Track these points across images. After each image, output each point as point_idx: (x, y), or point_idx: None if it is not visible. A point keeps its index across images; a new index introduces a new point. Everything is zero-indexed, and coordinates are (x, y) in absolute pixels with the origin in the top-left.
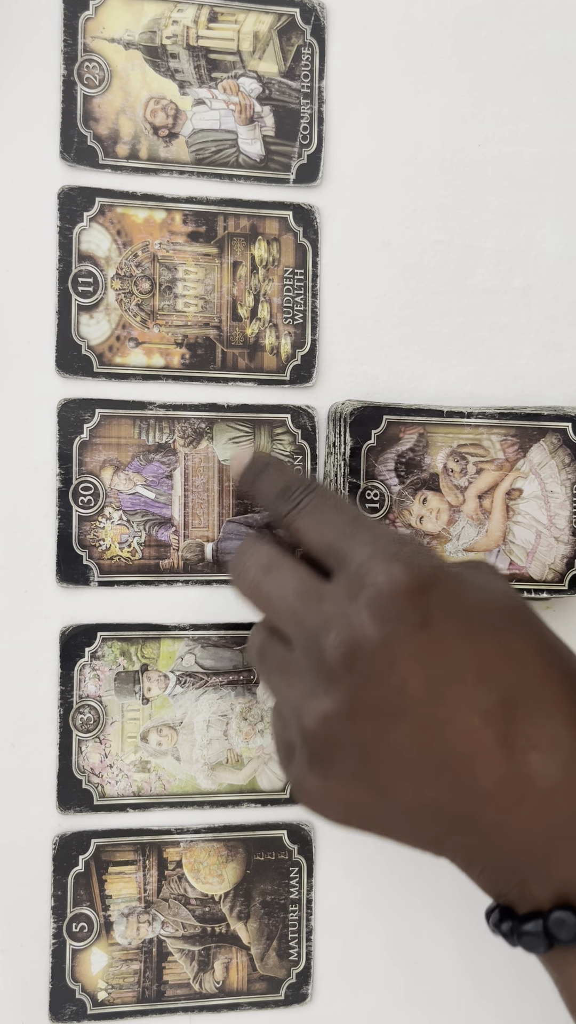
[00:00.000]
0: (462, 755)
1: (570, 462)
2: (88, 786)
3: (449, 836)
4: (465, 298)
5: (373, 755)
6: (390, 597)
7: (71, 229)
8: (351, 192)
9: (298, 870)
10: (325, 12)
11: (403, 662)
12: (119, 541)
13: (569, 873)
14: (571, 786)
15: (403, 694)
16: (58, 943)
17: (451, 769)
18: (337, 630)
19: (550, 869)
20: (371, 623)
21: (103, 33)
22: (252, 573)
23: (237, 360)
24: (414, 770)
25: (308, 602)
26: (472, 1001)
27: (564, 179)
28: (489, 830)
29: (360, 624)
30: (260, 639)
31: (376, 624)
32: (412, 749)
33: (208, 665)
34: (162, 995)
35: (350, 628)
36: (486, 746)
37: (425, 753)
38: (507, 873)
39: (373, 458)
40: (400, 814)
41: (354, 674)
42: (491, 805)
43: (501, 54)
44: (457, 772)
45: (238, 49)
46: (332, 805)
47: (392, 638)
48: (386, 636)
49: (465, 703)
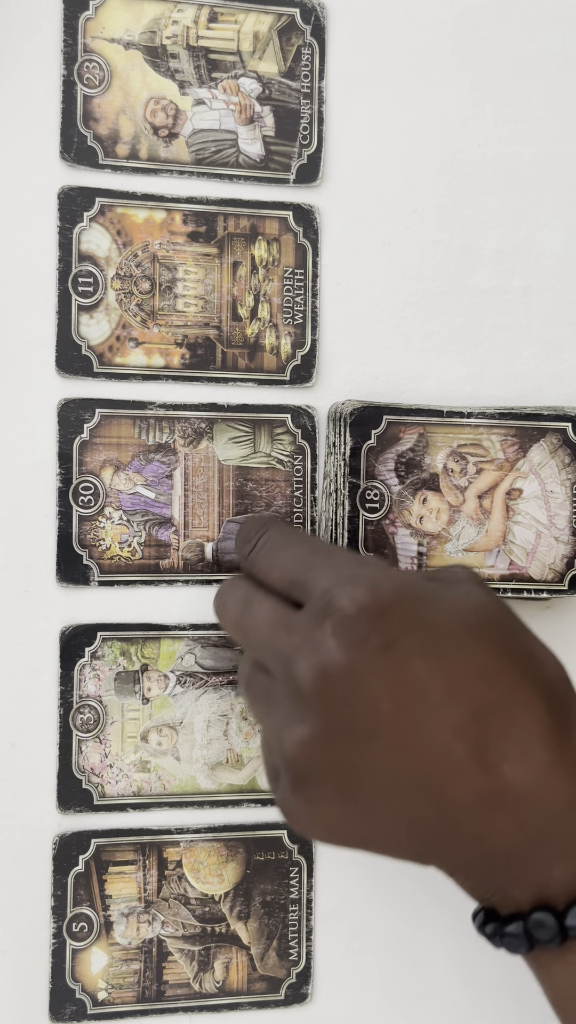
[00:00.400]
0: (436, 771)
1: (570, 462)
2: (88, 786)
3: (431, 848)
4: (465, 298)
5: (351, 777)
6: (353, 621)
7: (71, 229)
8: (351, 192)
9: (298, 870)
10: (325, 12)
11: (370, 684)
12: (119, 541)
13: (547, 876)
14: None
15: (374, 715)
16: (58, 943)
17: (427, 785)
18: (305, 657)
19: (529, 873)
20: (336, 648)
21: (103, 33)
22: (231, 609)
23: (237, 360)
24: (392, 788)
25: (280, 632)
26: (472, 1001)
27: (564, 179)
28: (469, 840)
29: (326, 650)
30: (246, 670)
31: (341, 649)
32: (388, 768)
33: (208, 665)
34: (162, 995)
35: (317, 654)
36: (459, 760)
37: (401, 771)
38: (489, 878)
39: (373, 458)
40: (382, 831)
41: (324, 699)
42: (469, 817)
43: (501, 54)
44: (433, 788)
45: (238, 49)
46: (316, 826)
47: (357, 661)
48: (351, 660)
49: (435, 720)
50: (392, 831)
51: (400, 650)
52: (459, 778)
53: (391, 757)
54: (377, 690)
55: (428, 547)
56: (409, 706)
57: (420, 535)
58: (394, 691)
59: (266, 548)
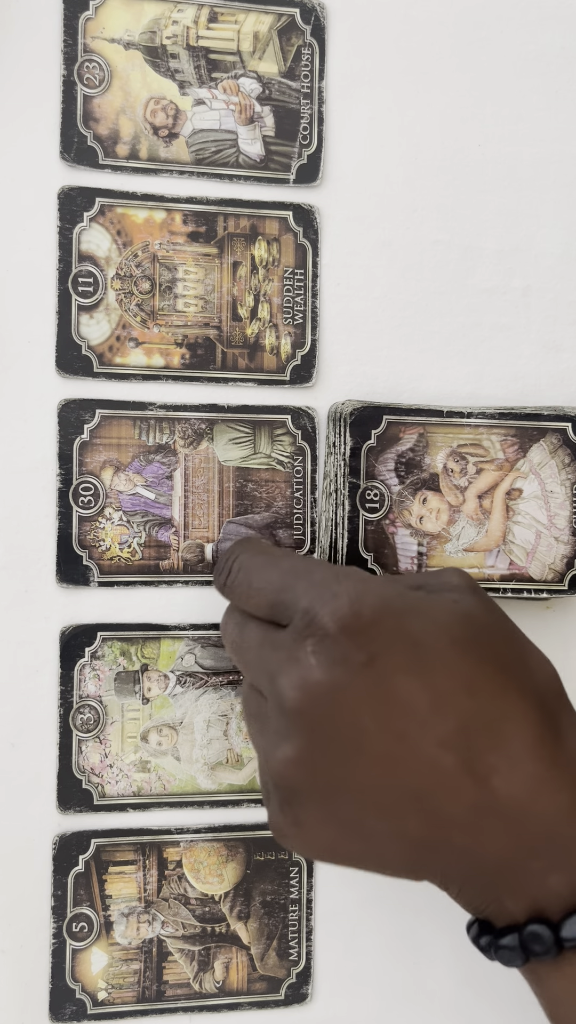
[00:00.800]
0: (425, 786)
1: (570, 462)
2: (88, 786)
3: (423, 862)
4: (465, 298)
5: (337, 795)
6: (333, 639)
7: (71, 229)
8: (351, 192)
9: (298, 870)
10: (325, 12)
11: (353, 701)
12: (119, 541)
13: (541, 887)
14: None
15: (358, 732)
16: (58, 943)
17: (416, 800)
18: (287, 675)
19: (522, 885)
20: (318, 667)
21: (103, 33)
22: (230, 631)
23: (237, 360)
24: (380, 805)
25: (266, 651)
26: (472, 1001)
27: (564, 179)
28: (461, 854)
29: (307, 667)
30: (244, 691)
31: (323, 667)
32: (375, 784)
33: (208, 665)
34: (162, 995)
35: (299, 673)
36: (448, 774)
37: (389, 788)
38: (482, 891)
39: (373, 458)
40: (372, 848)
41: (307, 717)
42: (460, 830)
43: (501, 54)
44: (423, 803)
45: (238, 49)
46: (307, 845)
47: (339, 680)
48: (333, 678)
49: (422, 735)
50: (383, 847)
51: (383, 666)
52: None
53: (378, 774)
54: (360, 707)
55: (428, 547)
56: (394, 722)
57: (420, 535)
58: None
59: (240, 576)
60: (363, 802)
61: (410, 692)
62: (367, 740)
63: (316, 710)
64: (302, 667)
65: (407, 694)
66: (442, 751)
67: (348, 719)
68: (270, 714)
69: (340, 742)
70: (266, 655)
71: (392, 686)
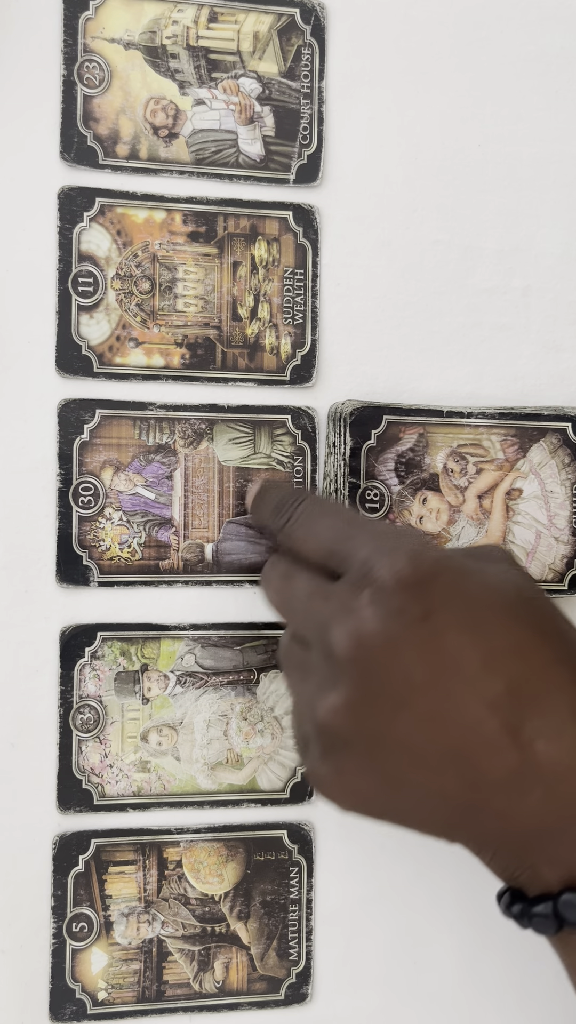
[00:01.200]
0: (469, 745)
1: (570, 462)
2: (88, 786)
3: (459, 823)
4: (465, 298)
5: (382, 746)
6: (391, 591)
7: (71, 229)
8: (351, 192)
9: (298, 870)
10: (325, 12)
11: (406, 654)
12: (119, 541)
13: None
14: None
15: (408, 686)
16: (58, 943)
17: (459, 759)
18: (341, 624)
19: (559, 853)
20: (374, 617)
21: (103, 33)
22: (274, 582)
23: (237, 360)
24: (422, 760)
25: (317, 600)
26: (472, 1001)
27: (564, 179)
28: (498, 817)
29: (363, 619)
30: (284, 643)
31: (378, 618)
32: (420, 740)
33: (208, 665)
34: (162, 995)
35: (354, 623)
36: (492, 736)
37: (433, 743)
38: (518, 857)
39: (373, 458)
40: (410, 803)
41: (359, 666)
42: (499, 793)
43: (501, 54)
44: (465, 762)
45: (238, 49)
46: (345, 794)
47: (395, 631)
48: (389, 629)
49: (470, 693)
50: (421, 804)
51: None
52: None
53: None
54: (412, 660)
55: None
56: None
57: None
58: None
59: (302, 519)
60: (406, 756)
61: (462, 649)
62: (415, 695)
63: (367, 660)
64: (357, 617)
65: (459, 651)
66: (488, 712)
67: (399, 672)
68: (316, 663)
69: (388, 694)
70: (316, 605)
71: (445, 642)
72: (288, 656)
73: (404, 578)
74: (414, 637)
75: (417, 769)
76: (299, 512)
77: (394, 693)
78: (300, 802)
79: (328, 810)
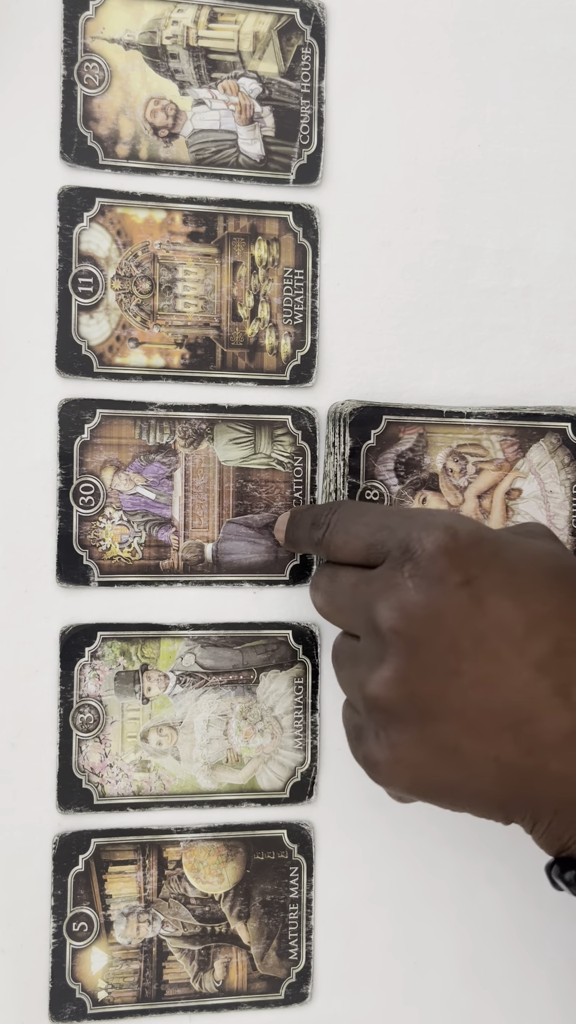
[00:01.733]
0: (521, 709)
1: (569, 462)
2: (88, 786)
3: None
4: (465, 298)
5: (434, 715)
6: (431, 560)
7: (71, 229)
8: (351, 192)
9: (298, 870)
10: (325, 12)
11: (450, 621)
12: (119, 541)
13: None
14: None
15: (455, 653)
16: (58, 943)
17: (512, 724)
18: (385, 599)
19: None
20: (415, 588)
21: (103, 33)
22: (321, 585)
23: (237, 360)
24: (476, 728)
25: (362, 587)
26: (472, 1001)
27: (564, 179)
28: (556, 782)
29: (406, 590)
30: (336, 642)
31: (421, 588)
32: (471, 707)
33: (208, 665)
34: (162, 995)
35: (397, 596)
36: (543, 698)
37: (484, 710)
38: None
39: (373, 458)
40: (467, 775)
41: (405, 638)
42: (556, 756)
43: (501, 54)
44: (518, 726)
45: (238, 49)
46: (402, 774)
47: (436, 599)
48: (431, 597)
49: (517, 656)
50: (477, 774)
51: (479, 587)
52: (544, 715)
53: (474, 695)
54: (457, 626)
55: None
56: (490, 642)
57: None
58: (474, 627)
59: (339, 524)
60: (459, 724)
61: (506, 613)
62: (464, 661)
63: (414, 630)
64: (400, 590)
65: (503, 614)
66: (537, 674)
67: (445, 639)
68: (364, 648)
69: (436, 662)
70: (361, 591)
71: (488, 606)
72: (339, 653)
73: (443, 546)
74: (457, 603)
75: (471, 737)
76: (335, 519)
77: (442, 660)
78: (300, 802)
79: (328, 810)
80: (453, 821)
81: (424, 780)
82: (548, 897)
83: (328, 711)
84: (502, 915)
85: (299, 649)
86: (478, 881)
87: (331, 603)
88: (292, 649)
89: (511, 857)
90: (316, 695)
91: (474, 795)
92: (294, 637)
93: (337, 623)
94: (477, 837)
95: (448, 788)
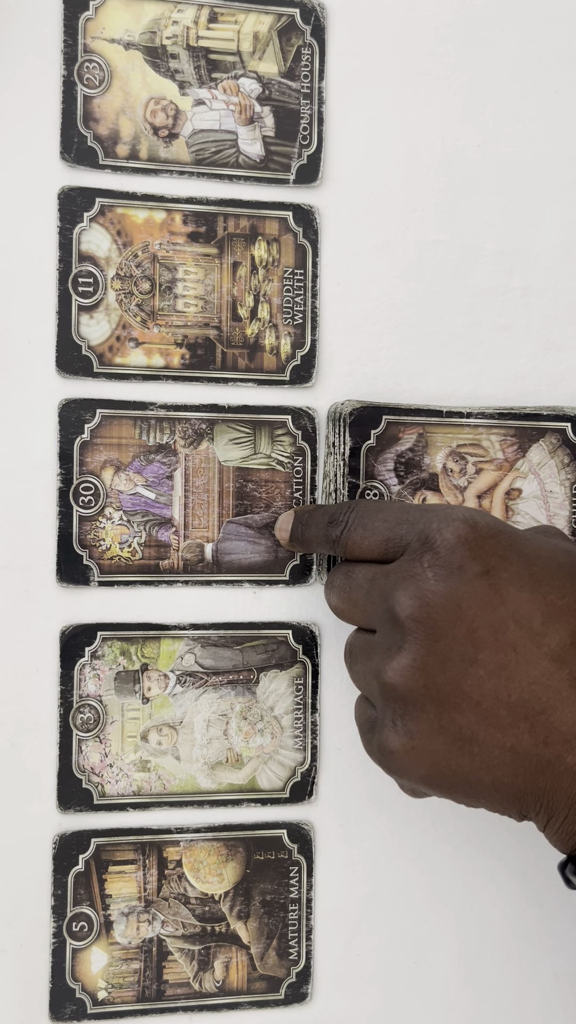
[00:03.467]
0: (537, 699)
1: (569, 462)
2: (88, 785)
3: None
4: (465, 298)
5: (451, 704)
6: (450, 550)
7: (71, 229)
8: (351, 192)
9: (298, 869)
10: (325, 12)
11: (468, 610)
12: (119, 541)
13: None
14: None
15: (473, 641)
16: (58, 942)
17: (528, 714)
18: (404, 588)
19: None
20: (434, 577)
21: (103, 33)
22: (337, 583)
23: (237, 360)
24: (493, 717)
25: (379, 580)
26: (472, 1001)
27: (564, 179)
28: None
29: (424, 579)
30: (350, 638)
31: (440, 577)
32: (489, 696)
33: (208, 665)
34: (162, 994)
35: (416, 584)
36: (560, 689)
37: (501, 699)
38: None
39: (372, 458)
40: (484, 765)
41: (425, 626)
42: (572, 748)
43: (501, 54)
44: (535, 717)
45: (238, 49)
46: (418, 763)
47: (455, 588)
48: (449, 587)
49: (534, 647)
50: (493, 765)
51: (498, 577)
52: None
53: (491, 684)
54: (475, 615)
55: None
56: (508, 632)
57: None
58: (492, 616)
59: (357, 522)
60: (476, 713)
61: (524, 603)
62: (481, 649)
63: (433, 618)
64: (419, 579)
65: (521, 605)
66: (555, 665)
67: (464, 628)
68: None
69: (454, 650)
70: (379, 583)
71: (507, 596)
72: (352, 648)
73: (463, 536)
74: (476, 592)
75: (488, 727)
76: (353, 517)
77: (460, 649)
78: (300, 802)
79: (328, 810)
80: (453, 821)
81: (440, 770)
82: (548, 897)
83: (328, 711)
84: (502, 915)
85: (299, 649)
86: (478, 881)
87: (347, 599)
88: (292, 649)
89: (511, 857)
90: (316, 695)
91: (489, 786)
92: (294, 637)
93: (353, 619)
94: (477, 837)
95: (463, 779)
